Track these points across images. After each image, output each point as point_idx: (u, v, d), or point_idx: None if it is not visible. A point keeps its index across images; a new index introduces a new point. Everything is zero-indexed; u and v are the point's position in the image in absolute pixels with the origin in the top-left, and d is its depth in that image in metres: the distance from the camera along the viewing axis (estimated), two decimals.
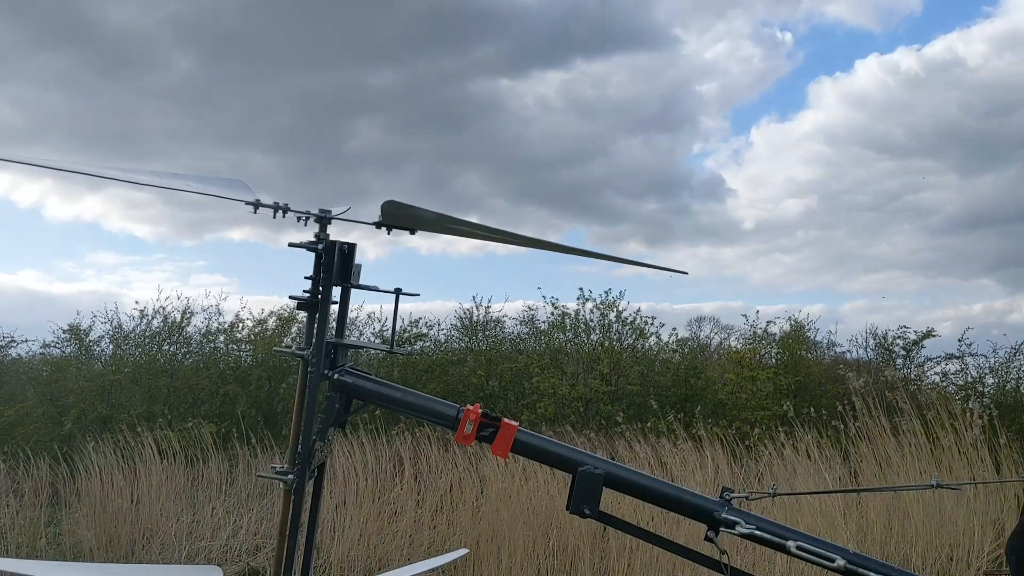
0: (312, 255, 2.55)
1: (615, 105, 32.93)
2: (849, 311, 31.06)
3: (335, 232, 2.59)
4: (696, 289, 32.27)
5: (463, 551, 3.68)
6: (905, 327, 13.59)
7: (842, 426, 8.96)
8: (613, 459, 3.77)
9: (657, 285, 35.38)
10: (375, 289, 2.68)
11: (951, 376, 12.78)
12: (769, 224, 33.85)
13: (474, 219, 2.82)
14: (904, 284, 30.32)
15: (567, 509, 2.44)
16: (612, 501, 5.85)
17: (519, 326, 15.01)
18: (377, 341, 13.56)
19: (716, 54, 36.16)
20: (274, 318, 14.58)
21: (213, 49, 27.05)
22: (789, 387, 12.45)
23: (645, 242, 33.95)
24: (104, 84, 28.08)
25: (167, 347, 14.28)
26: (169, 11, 25.03)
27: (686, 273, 3.20)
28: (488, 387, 13.49)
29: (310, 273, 2.56)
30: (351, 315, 10.19)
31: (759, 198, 35.47)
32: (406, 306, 19.95)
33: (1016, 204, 27.99)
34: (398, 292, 2.66)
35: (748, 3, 34.67)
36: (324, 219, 2.54)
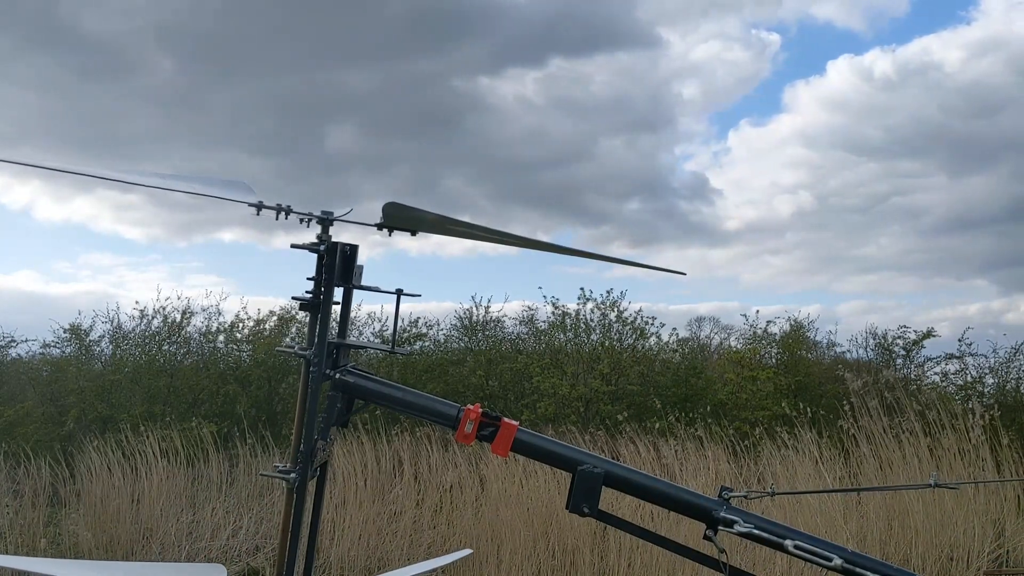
0: (314, 257, 2.55)
1: (598, 106, 32.86)
2: (845, 311, 31.08)
3: (333, 234, 2.60)
4: (688, 290, 32.28)
5: (466, 551, 3.62)
6: (905, 327, 13.63)
7: (843, 426, 8.97)
8: (615, 459, 3.77)
9: (650, 286, 35.39)
10: (377, 290, 2.68)
11: (951, 376, 12.81)
12: (757, 226, 33.88)
13: (468, 220, 2.85)
14: (897, 285, 30.36)
15: (567, 508, 2.45)
16: (612, 500, 5.86)
17: (519, 326, 15.03)
18: (377, 341, 13.57)
19: (700, 55, 36.11)
20: (274, 318, 14.60)
21: (194, 52, 27.07)
22: (789, 387, 12.46)
23: (630, 244, 33.91)
24: (87, 87, 28.16)
25: (167, 347, 14.28)
26: (150, 15, 25.05)
27: (684, 274, 3.19)
28: (488, 387, 13.49)
29: (310, 274, 2.57)
30: (351, 315, 10.15)
31: (745, 200, 35.53)
32: (403, 306, 19.96)
33: (1006, 204, 28.11)
34: (399, 293, 2.67)
35: (735, 4, 34.61)
36: (326, 221, 2.55)
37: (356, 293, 2.67)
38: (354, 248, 2.58)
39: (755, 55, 35.66)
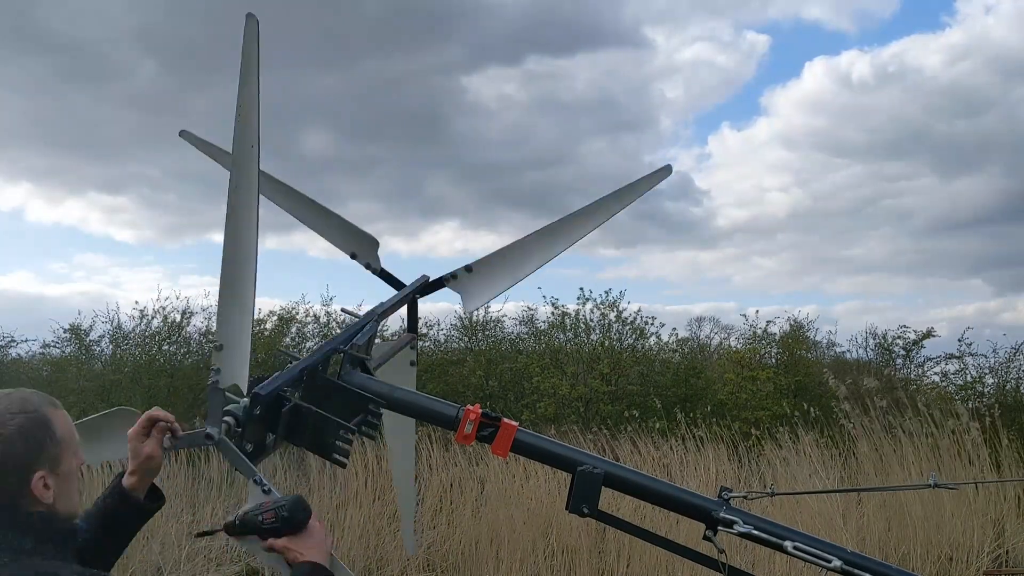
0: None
1: (581, 106, 32.72)
2: (841, 312, 31.07)
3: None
4: (680, 291, 32.11)
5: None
6: (905, 327, 13.63)
7: (843, 426, 8.98)
8: (615, 459, 3.76)
9: (644, 287, 35.27)
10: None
11: (951, 376, 12.82)
12: (746, 227, 33.82)
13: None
14: (891, 286, 30.36)
15: (566, 508, 2.45)
16: (611, 500, 5.86)
17: (519, 326, 15.03)
18: (378, 341, 13.56)
19: (686, 56, 35.99)
20: (274, 318, 14.61)
21: (174, 56, 27.13)
22: (789, 387, 12.46)
23: (615, 245, 33.70)
24: (71, 91, 28.27)
25: (167, 347, 14.29)
26: (131, 20, 25.12)
27: (670, 170, 3.08)
28: (488, 387, 13.49)
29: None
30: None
31: (732, 201, 35.49)
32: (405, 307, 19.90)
33: (997, 205, 28.15)
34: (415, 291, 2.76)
35: (722, 5, 34.47)
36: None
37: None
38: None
39: (741, 57, 35.59)
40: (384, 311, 2.89)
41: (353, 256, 3.01)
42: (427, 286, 3.06)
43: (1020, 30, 29.23)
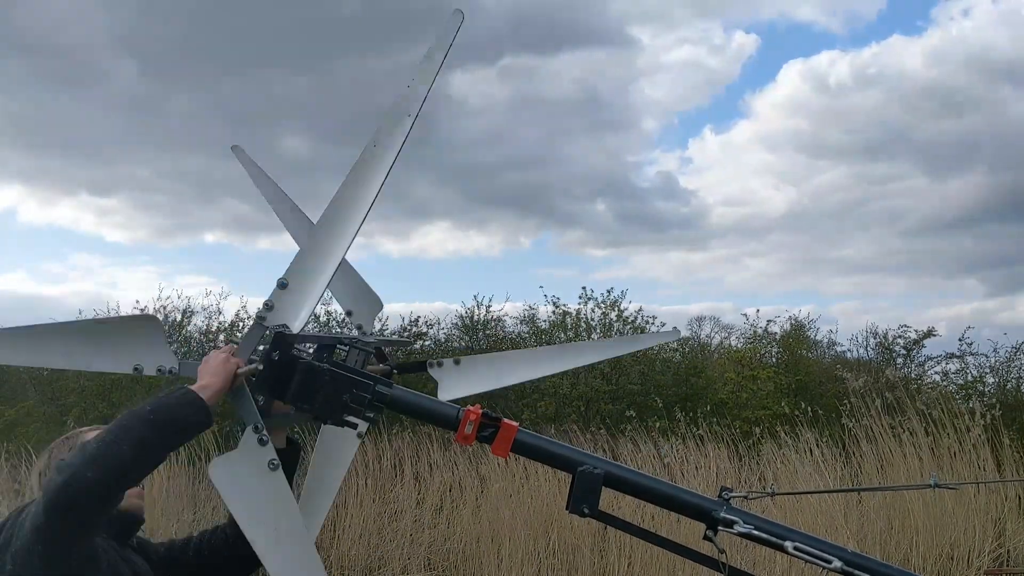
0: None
1: (565, 106, 32.62)
2: (838, 312, 31.09)
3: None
4: (674, 292, 32.12)
5: None
6: (906, 326, 13.61)
7: (844, 425, 8.96)
8: (615, 459, 3.76)
9: (639, 288, 35.23)
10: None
11: (952, 375, 12.80)
12: (736, 228, 33.79)
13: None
14: (886, 286, 30.36)
15: (566, 508, 2.44)
16: (612, 500, 5.86)
17: (519, 325, 15.04)
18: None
19: (672, 57, 35.91)
20: None
21: (154, 59, 27.19)
22: (789, 386, 12.45)
23: (603, 246, 33.69)
24: (54, 93, 28.36)
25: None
26: (110, 22, 25.15)
27: (678, 333, 3.24)
28: None
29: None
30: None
31: (722, 201, 35.44)
32: (400, 306, 19.96)
33: (989, 204, 28.15)
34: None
35: (711, 4, 34.36)
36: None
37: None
38: None
39: (729, 58, 35.51)
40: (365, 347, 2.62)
41: (348, 314, 2.90)
42: (408, 365, 3.01)
43: (1004, 31, 29.27)
